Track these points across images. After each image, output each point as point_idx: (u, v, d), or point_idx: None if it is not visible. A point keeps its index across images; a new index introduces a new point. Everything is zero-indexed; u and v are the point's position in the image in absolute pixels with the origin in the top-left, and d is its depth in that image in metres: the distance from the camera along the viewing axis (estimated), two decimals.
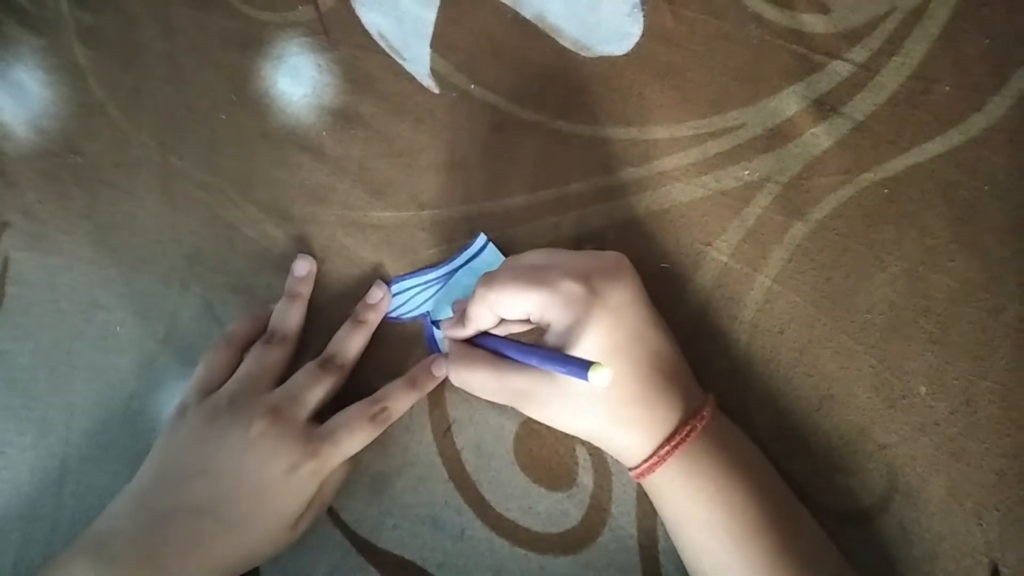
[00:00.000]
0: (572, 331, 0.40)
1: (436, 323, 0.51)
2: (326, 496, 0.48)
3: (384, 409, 0.48)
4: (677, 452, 0.41)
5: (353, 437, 0.46)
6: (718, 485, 0.41)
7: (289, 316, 0.51)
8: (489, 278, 0.44)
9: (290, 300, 0.52)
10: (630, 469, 0.43)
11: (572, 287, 0.41)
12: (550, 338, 0.42)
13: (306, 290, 0.52)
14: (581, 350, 0.40)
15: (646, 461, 0.42)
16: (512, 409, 0.50)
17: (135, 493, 0.45)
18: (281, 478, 0.44)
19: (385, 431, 0.49)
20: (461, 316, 0.47)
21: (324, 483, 0.46)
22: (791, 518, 0.43)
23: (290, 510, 0.45)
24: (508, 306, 0.43)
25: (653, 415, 0.42)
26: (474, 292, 0.44)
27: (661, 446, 0.41)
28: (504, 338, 0.46)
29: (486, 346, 0.46)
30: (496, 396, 0.44)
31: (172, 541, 0.42)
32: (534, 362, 0.41)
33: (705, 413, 0.42)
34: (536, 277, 0.42)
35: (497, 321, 0.45)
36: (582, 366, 0.35)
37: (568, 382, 0.41)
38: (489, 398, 0.44)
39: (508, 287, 0.42)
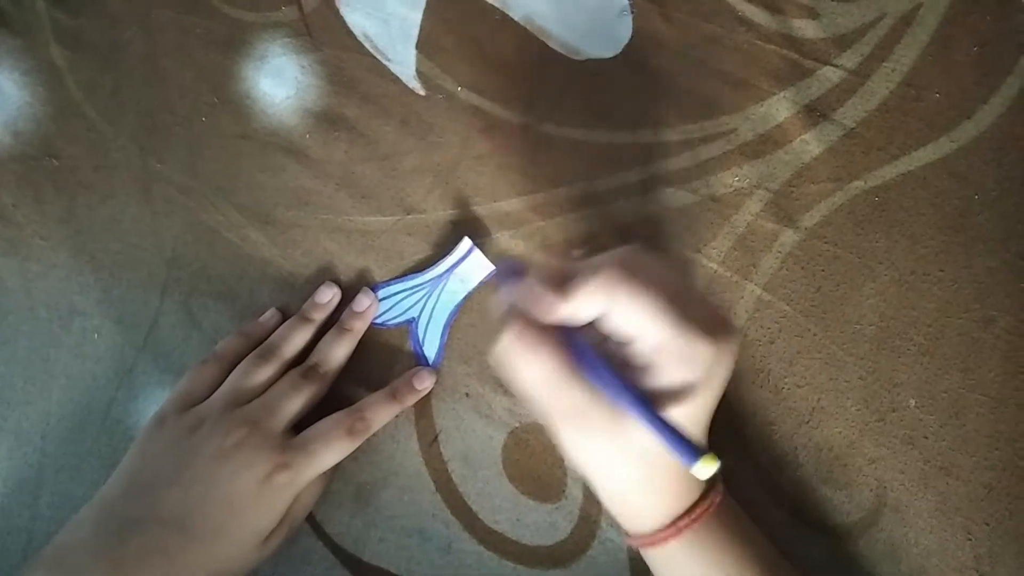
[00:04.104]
0: (676, 390, 0.36)
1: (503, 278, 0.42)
2: (298, 513, 0.47)
3: (362, 420, 0.47)
4: (696, 525, 0.40)
5: (329, 449, 0.45)
6: (733, 558, 0.40)
7: (293, 338, 0.50)
8: (632, 272, 0.36)
9: (300, 322, 0.50)
10: (637, 536, 0.41)
11: (705, 349, 0.35)
12: (646, 379, 0.36)
13: (320, 317, 0.51)
14: (669, 411, 0.36)
15: (661, 531, 0.40)
16: (500, 418, 0.50)
17: (103, 502, 0.44)
18: (254, 489, 0.43)
19: (370, 440, 0.48)
20: (559, 283, 0.37)
21: (297, 499, 0.46)
22: None
23: (262, 523, 0.44)
24: (632, 313, 0.35)
25: (680, 487, 0.40)
26: (601, 267, 0.36)
27: (680, 518, 0.40)
28: (600, 358, 0.37)
29: (572, 343, 0.38)
30: (543, 396, 0.37)
31: (137, 553, 0.41)
32: (632, 406, 0.35)
33: (720, 487, 0.42)
34: (677, 309, 0.35)
35: (595, 316, 0.37)
36: (691, 450, 0.32)
37: (629, 429, 0.36)
38: (532, 392, 0.38)
39: (648, 295, 0.35)
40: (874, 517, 0.46)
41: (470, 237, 0.51)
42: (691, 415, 0.36)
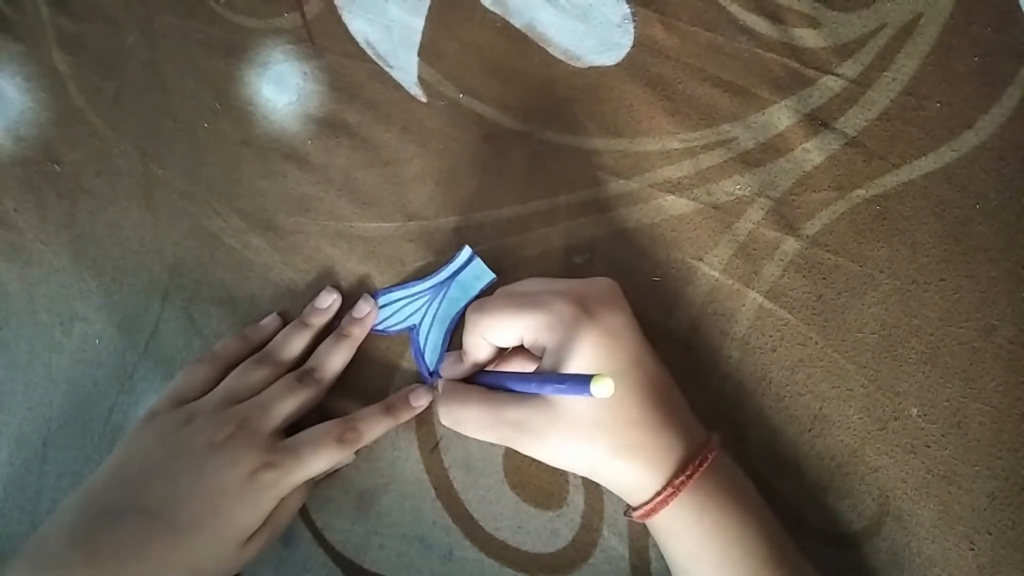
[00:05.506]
0: (569, 352, 0.40)
1: (432, 372, 0.50)
2: (281, 520, 0.46)
3: (354, 431, 0.46)
4: (691, 484, 0.40)
5: (318, 454, 0.45)
6: (732, 520, 0.40)
7: (292, 343, 0.50)
8: (480, 304, 0.44)
9: (299, 327, 0.50)
10: (637, 508, 0.41)
11: (566, 307, 0.41)
12: (546, 362, 0.41)
13: (319, 322, 0.51)
14: (579, 370, 0.40)
15: (658, 495, 0.40)
16: None
17: (87, 492, 0.43)
18: (239, 485, 0.43)
19: (371, 448, 0.48)
20: (457, 355, 0.46)
21: (281, 504, 0.45)
22: (789, 550, 0.42)
23: (244, 521, 0.44)
24: (501, 330, 0.42)
25: (658, 443, 0.41)
26: (466, 321, 0.44)
27: (674, 476, 0.40)
28: (499, 372, 0.45)
29: (483, 383, 0.46)
30: (491, 432, 0.43)
31: (115, 541, 0.41)
32: (532, 387, 0.40)
33: (712, 444, 0.42)
34: (529, 300, 0.42)
35: (493, 352, 0.45)
36: (583, 380, 0.34)
37: (568, 409, 0.40)
38: (483, 436, 0.43)
39: (500, 311, 0.42)
40: (876, 526, 0.46)
41: (471, 244, 0.51)
42: (591, 360, 0.40)
